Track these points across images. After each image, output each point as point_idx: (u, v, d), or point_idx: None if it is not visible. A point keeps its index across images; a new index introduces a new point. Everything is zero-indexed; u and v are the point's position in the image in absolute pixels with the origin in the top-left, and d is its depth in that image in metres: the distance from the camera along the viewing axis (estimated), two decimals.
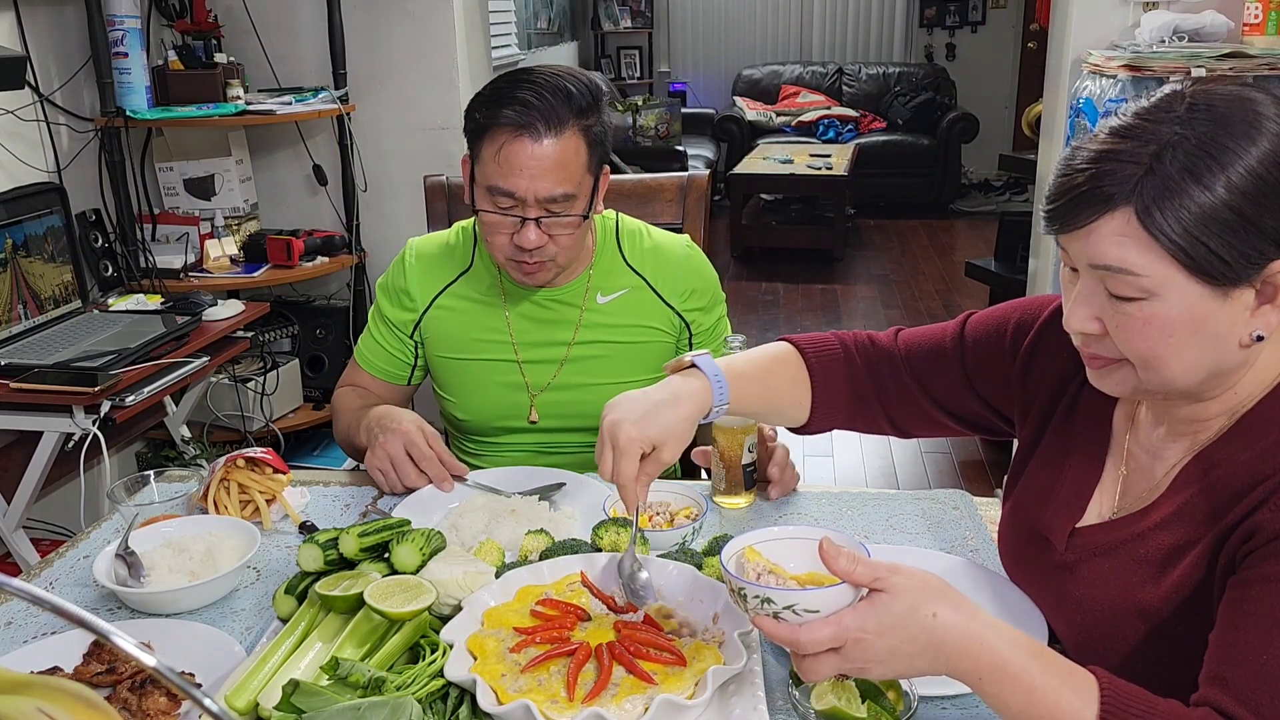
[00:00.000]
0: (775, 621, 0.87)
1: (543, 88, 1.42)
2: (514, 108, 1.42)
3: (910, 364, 1.27)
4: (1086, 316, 0.94)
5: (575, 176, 1.45)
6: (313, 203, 3.36)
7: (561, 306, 1.63)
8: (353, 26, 3.17)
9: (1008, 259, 3.86)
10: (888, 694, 0.95)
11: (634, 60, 8.63)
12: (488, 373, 1.64)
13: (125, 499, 1.41)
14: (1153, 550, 0.99)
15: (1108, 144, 0.90)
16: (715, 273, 1.71)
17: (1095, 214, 0.89)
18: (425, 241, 1.69)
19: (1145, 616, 0.98)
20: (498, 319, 1.63)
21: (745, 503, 1.43)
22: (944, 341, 1.26)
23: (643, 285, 1.64)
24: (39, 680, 0.59)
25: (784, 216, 6.94)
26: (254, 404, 3.02)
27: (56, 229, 2.61)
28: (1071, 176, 0.91)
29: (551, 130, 1.42)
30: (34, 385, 2.15)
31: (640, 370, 1.62)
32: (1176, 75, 2.36)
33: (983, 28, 8.32)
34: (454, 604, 1.10)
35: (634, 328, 1.64)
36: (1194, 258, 0.86)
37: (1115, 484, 1.08)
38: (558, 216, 1.46)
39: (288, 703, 0.93)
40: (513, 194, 1.44)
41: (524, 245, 1.47)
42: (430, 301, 1.65)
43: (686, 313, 1.66)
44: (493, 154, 1.44)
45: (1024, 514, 1.15)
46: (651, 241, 1.67)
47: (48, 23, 2.75)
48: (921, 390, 1.26)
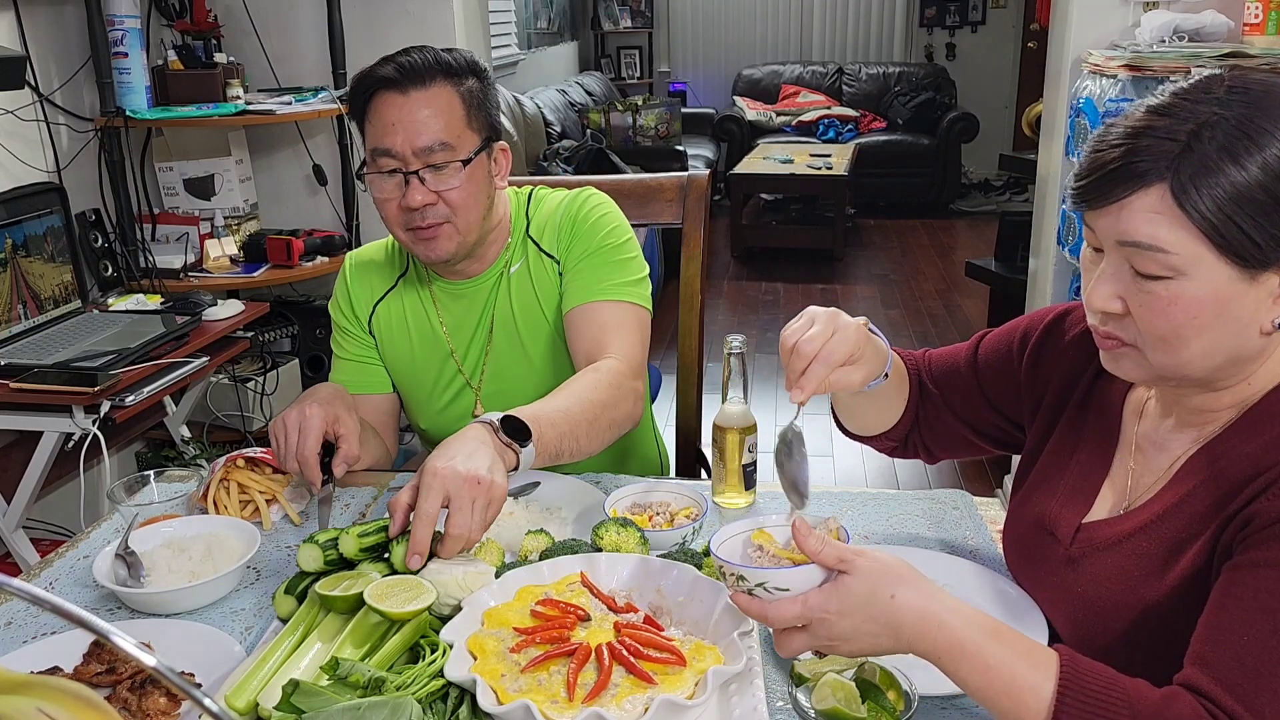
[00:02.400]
0: (749, 597, 0.92)
1: (411, 53, 1.48)
2: (382, 69, 1.47)
3: (934, 379, 1.29)
4: (1109, 295, 0.94)
5: (452, 129, 1.46)
6: (312, 203, 3.36)
7: (482, 292, 1.63)
8: (352, 26, 3.17)
9: (1008, 259, 3.86)
10: (888, 694, 0.95)
11: (634, 60, 8.64)
12: (428, 371, 1.65)
13: (125, 499, 1.41)
14: (1156, 544, 0.99)
15: (1145, 121, 0.90)
16: (609, 218, 1.61)
17: (1129, 189, 0.89)
18: (361, 252, 1.72)
19: (1148, 612, 0.98)
20: (431, 317, 1.64)
21: (745, 503, 1.43)
22: (960, 357, 1.28)
23: (534, 247, 1.63)
24: (39, 680, 0.59)
25: (784, 216, 6.94)
26: (254, 404, 3.03)
27: (56, 229, 2.60)
28: (1105, 152, 0.91)
29: (417, 84, 1.45)
30: (34, 385, 2.15)
31: (546, 341, 1.61)
32: (1177, 75, 2.36)
33: (983, 27, 8.32)
34: (454, 604, 1.10)
35: (530, 291, 1.61)
36: (1225, 237, 0.87)
37: (1124, 478, 1.08)
38: (438, 170, 1.47)
39: (288, 703, 0.93)
40: (390, 150, 1.46)
41: (411, 205, 1.47)
42: (371, 309, 1.66)
43: (556, 250, 1.61)
44: (370, 119, 1.48)
45: (1031, 507, 1.15)
46: (546, 202, 1.65)
47: (48, 23, 2.75)
48: (945, 404, 1.28)
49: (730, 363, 1.39)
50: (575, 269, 1.59)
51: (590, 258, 1.58)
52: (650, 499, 1.39)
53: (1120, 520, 1.04)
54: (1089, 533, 1.07)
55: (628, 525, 1.24)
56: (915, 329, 5.09)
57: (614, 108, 7.10)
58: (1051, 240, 2.88)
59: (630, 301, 1.57)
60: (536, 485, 1.46)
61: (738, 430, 1.39)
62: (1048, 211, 2.98)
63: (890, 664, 0.97)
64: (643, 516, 1.35)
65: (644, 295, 1.60)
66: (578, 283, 1.58)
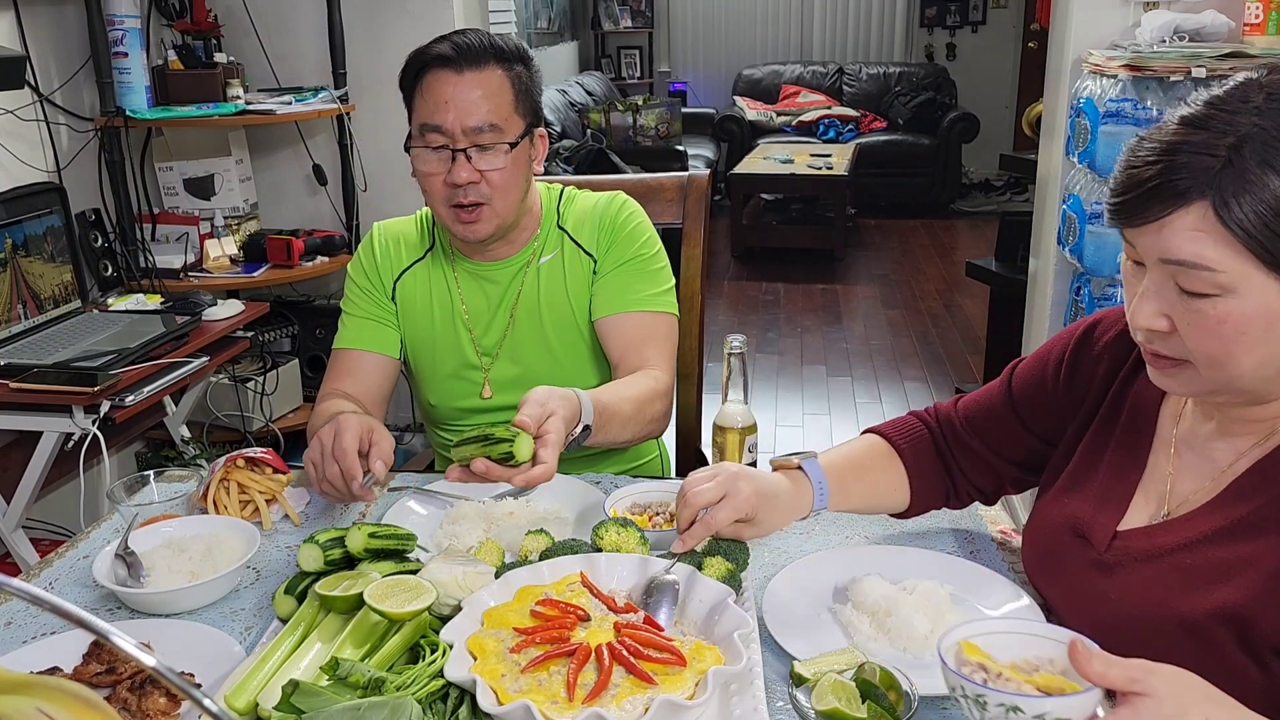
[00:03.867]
0: None
1: (467, 34, 1.53)
2: (437, 47, 1.52)
3: (972, 426, 1.28)
4: (1154, 313, 0.91)
5: (501, 111, 1.50)
6: (312, 202, 3.36)
7: (510, 275, 1.65)
8: (352, 26, 3.17)
9: (1008, 259, 3.85)
10: (888, 694, 0.95)
11: (634, 60, 8.64)
12: (444, 346, 1.67)
13: (125, 499, 1.41)
14: (1201, 561, 0.96)
15: (1180, 135, 0.87)
16: (644, 227, 1.67)
17: (1169, 208, 0.86)
18: (390, 223, 1.74)
19: (1188, 629, 0.94)
20: (453, 294, 1.67)
21: None
22: (994, 393, 1.27)
23: (568, 241, 1.66)
24: (39, 680, 0.59)
25: (784, 216, 6.94)
26: (254, 404, 3.03)
27: (56, 229, 2.60)
28: (1141, 169, 0.88)
29: (472, 65, 1.50)
30: (34, 385, 2.15)
31: (571, 332, 1.65)
32: (1177, 75, 2.36)
33: (983, 27, 8.33)
34: (454, 604, 1.10)
35: (561, 284, 1.65)
36: (1272, 252, 0.84)
37: (1162, 483, 1.05)
38: (484, 150, 1.50)
39: (288, 703, 0.93)
40: (440, 127, 1.49)
41: (456, 182, 1.50)
42: (396, 278, 1.68)
43: (595, 250, 1.66)
44: (421, 94, 1.52)
45: (1061, 508, 1.13)
46: (581, 199, 1.70)
47: (48, 23, 2.75)
48: (986, 447, 1.26)
49: (730, 363, 1.39)
50: (611, 274, 1.64)
51: (626, 265, 1.64)
52: (650, 499, 1.39)
53: (1160, 530, 1.01)
54: (1126, 540, 1.04)
55: (628, 525, 1.24)
56: (915, 329, 5.09)
57: (614, 108, 7.10)
58: (1052, 240, 2.88)
59: (665, 311, 1.65)
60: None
61: (738, 430, 1.39)
62: (1048, 211, 2.98)
63: (890, 664, 0.97)
64: (643, 516, 1.34)
65: (674, 302, 1.69)
66: (613, 290, 1.64)
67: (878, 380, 4.47)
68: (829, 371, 4.57)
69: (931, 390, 4.35)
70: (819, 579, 1.22)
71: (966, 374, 4.50)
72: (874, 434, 1.34)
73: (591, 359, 1.68)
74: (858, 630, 1.11)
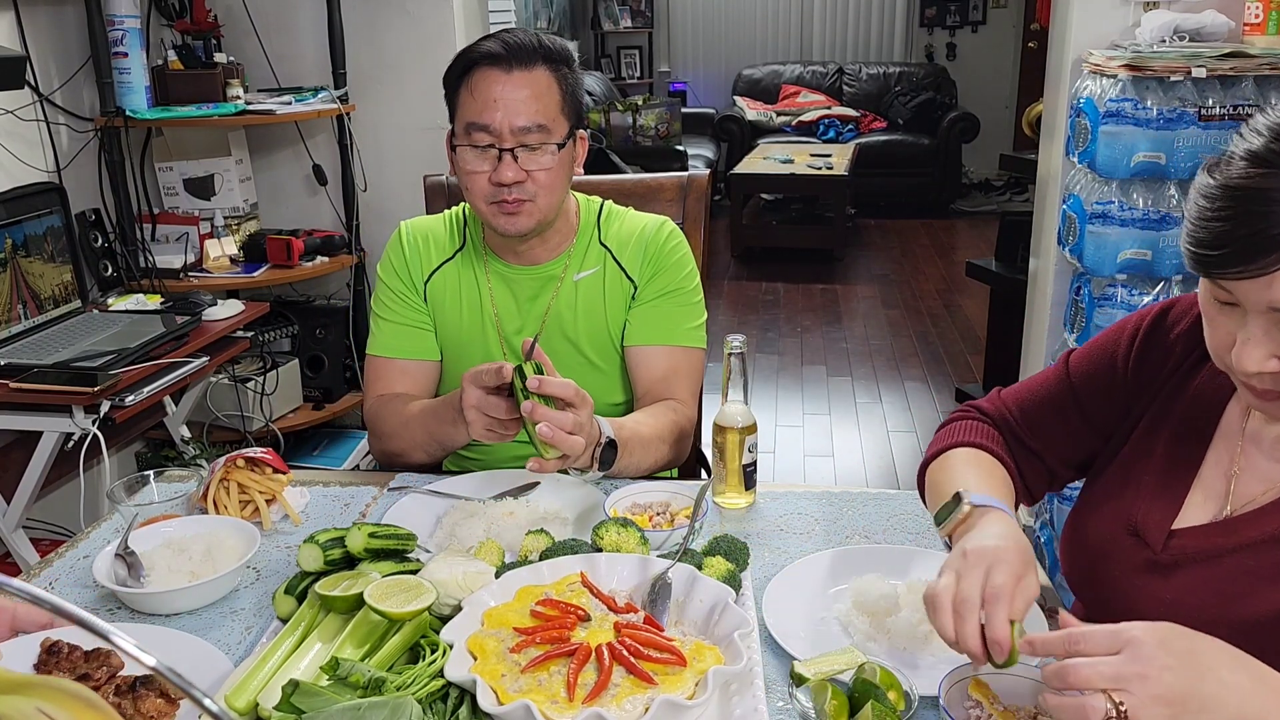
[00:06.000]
0: None
1: (515, 33, 1.52)
2: (486, 45, 1.51)
3: (1030, 424, 1.22)
4: (1265, 356, 0.89)
5: (548, 111, 1.50)
6: (312, 202, 3.36)
7: (541, 282, 1.65)
8: (352, 26, 3.17)
9: (1008, 259, 3.85)
10: (888, 694, 0.95)
11: (634, 60, 8.64)
12: (474, 345, 1.66)
13: (125, 499, 1.41)
14: (1265, 563, 0.95)
15: (1259, 179, 0.84)
16: (688, 258, 1.68)
17: (1276, 261, 0.83)
18: (417, 221, 1.72)
19: (1246, 634, 0.92)
20: (483, 295, 1.66)
21: (745, 503, 1.43)
22: (1051, 383, 1.22)
23: (610, 260, 1.66)
24: (39, 680, 0.59)
25: (784, 216, 6.94)
26: (254, 404, 3.03)
27: (56, 229, 2.61)
28: (1229, 221, 0.85)
29: (521, 64, 1.48)
30: (34, 385, 2.15)
31: (606, 349, 1.65)
32: (1177, 75, 2.36)
33: (983, 27, 8.33)
34: (454, 604, 1.10)
35: (600, 302, 1.65)
36: None
37: (1224, 481, 1.03)
38: (532, 150, 1.49)
39: (288, 703, 0.93)
40: (488, 127, 1.48)
41: (502, 181, 1.49)
42: (427, 278, 1.67)
43: (637, 275, 1.65)
44: (468, 93, 1.50)
45: (1111, 506, 1.10)
46: (628, 220, 1.69)
47: (48, 23, 2.75)
48: (1044, 446, 1.21)
49: (730, 363, 1.39)
50: (650, 304, 1.64)
51: (667, 297, 1.64)
52: (650, 499, 1.39)
53: (1221, 530, 0.99)
54: (1183, 540, 1.02)
55: (628, 525, 1.24)
56: (915, 329, 5.09)
57: (614, 107, 7.10)
58: (1052, 240, 2.88)
59: (696, 347, 1.67)
60: (536, 485, 1.46)
61: (738, 430, 1.39)
62: (1048, 211, 2.98)
63: (890, 664, 0.97)
64: (643, 516, 1.35)
65: (704, 336, 1.70)
66: (650, 320, 1.64)
67: (878, 380, 4.47)
68: (829, 371, 4.57)
69: (931, 390, 4.35)
70: (819, 579, 1.22)
71: (966, 374, 4.50)
72: (970, 448, 1.22)
73: (621, 378, 1.68)
74: (858, 630, 1.11)
